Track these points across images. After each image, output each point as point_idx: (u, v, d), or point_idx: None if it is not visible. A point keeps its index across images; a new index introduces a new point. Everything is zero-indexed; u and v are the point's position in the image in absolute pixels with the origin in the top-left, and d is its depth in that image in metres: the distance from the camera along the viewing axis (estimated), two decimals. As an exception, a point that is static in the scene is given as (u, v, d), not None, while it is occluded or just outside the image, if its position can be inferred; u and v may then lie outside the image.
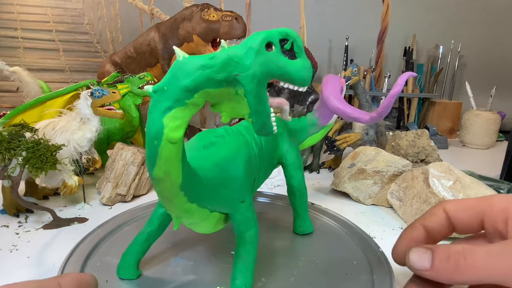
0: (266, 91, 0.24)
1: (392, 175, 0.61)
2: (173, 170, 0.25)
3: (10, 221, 0.52)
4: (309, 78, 0.25)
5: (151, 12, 1.09)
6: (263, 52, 0.23)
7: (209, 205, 0.32)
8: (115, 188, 0.59)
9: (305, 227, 0.48)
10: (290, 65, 0.24)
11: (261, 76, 0.23)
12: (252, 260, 0.34)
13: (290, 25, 1.09)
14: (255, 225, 0.35)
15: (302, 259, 0.42)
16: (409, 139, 0.73)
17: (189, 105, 0.24)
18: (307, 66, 0.25)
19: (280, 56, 0.24)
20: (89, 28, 1.07)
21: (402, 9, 1.16)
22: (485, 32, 1.21)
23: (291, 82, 0.25)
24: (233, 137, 0.37)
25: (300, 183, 0.46)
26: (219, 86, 0.24)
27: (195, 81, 0.23)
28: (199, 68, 0.23)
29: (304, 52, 0.25)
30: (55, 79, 1.07)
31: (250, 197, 0.35)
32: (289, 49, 0.24)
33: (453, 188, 0.51)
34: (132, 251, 0.37)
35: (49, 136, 0.53)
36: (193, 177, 0.28)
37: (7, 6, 1.01)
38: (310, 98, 1.00)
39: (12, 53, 1.03)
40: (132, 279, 0.37)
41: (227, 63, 0.23)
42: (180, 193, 0.27)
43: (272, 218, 0.53)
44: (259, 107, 0.24)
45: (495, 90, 1.05)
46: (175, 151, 0.24)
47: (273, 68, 0.23)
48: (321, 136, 0.51)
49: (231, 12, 0.81)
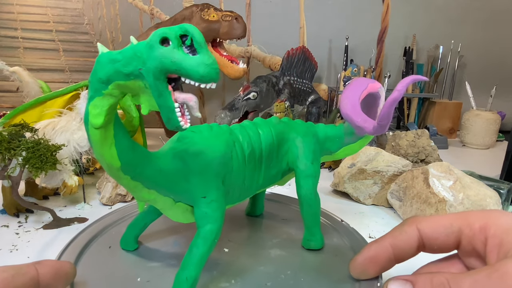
0: (166, 86, 0.25)
1: (392, 175, 0.61)
2: (105, 154, 0.28)
3: (10, 221, 0.52)
4: (209, 74, 0.24)
5: (151, 12, 1.09)
6: (157, 47, 0.24)
7: (170, 194, 0.34)
8: (115, 188, 0.59)
9: (312, 242, 0.43)
10: (186, 61, 0.24)
11: (155, 71, 0.24)
12: (199, 255, 0.33)
13: (290, 25, 1.10)
14: (212, 223, 0.34)
15: (288, 272, 0.38)
16: (409, 139, 0.73)
17: (106, 95, 0.26)
18: (206, 62, 0.24)
19: (176, 51, 0.24)
20: (89, 28, 1.07)
21: (402, 9, 1.16)
22: (485, 32, 1.21)
23: (189, 77, 0.25)
24: (213, 134, 0.37)
25: (308, 194, 0.42)
26: (128, 79, 0.25)
27: (106, 74, 0.25)
28: (109, 62, 0.25)
29: (205, 48, 0.24)
30: (55, 79, 1.07)
31: (215, 194, 0.35)
32: (189, 45, 0.24)
33: (453, 188, 0.51)
34: (130, 226, 0.42)
35: (49, 136, 0.53)
36: (143, 164, 0.30)
37: (7, 6, 1.01)
38: (310, 98, 1.00)
39: (12, 53, 1.03)
40: (129, 250, 0.41)
41: (132, 58, 0.25)
42: (124, 176, 0.30)
43: (289, 226, 0.49)
44: (160, 101, 0.25)
45: (495, 90, 1.05)
46: (101, 136, 0.27)
47: (167, 63, 0.24)
48: (359, 148, 0.45)
49: (231, 12, 0.81)
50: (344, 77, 0.99)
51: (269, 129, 0.41)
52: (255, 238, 0.46)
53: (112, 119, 0.28)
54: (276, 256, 0.42)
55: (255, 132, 0.40)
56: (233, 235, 0.46)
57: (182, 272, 0.33)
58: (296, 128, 0.44)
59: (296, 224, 0.48)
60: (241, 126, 0.41)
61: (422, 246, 0.25)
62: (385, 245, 0.26)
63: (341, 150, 0.46)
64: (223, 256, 0.41)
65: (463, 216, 0.24)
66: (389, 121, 0.35)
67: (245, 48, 1.13)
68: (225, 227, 0.47)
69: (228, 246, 0.44)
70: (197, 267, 0.33)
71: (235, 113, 0.79)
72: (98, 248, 0.41)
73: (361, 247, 0.41)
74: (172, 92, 0.25)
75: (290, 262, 0.41)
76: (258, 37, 1.13)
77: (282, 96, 0.88)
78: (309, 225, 0.43)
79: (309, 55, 0.98)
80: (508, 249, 0.21)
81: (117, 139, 0.28)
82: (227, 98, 1.17)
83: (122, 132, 0.29)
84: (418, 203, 0.54)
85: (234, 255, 0.42)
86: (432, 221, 0.25)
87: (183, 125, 0.26)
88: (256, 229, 0.48)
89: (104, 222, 0.46)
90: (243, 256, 0.41)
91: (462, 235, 0.24)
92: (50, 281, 0.25)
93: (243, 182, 0.39)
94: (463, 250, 0.24)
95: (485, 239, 0.23)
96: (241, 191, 0.40)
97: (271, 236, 0.46)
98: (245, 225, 0.49)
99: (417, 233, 0.25)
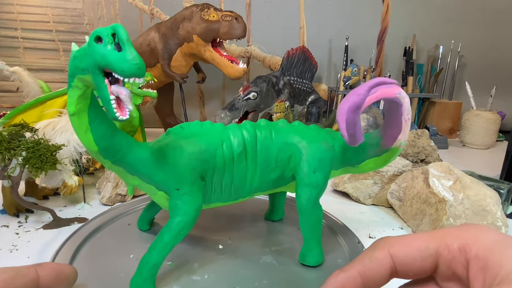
0: (102, 79, 0.27)
1: (392, 175, 0.61)
2: (82, 138, 0.32)
3: (10, 221, 0.52)
4: (129, 69, 0.26)
5: (151, 12, 1.09)
6: (92, 45, 0.27)
7: (150, 182, 0.37)
8: (115, 188, 0.59)
9: (307, 258, 0.40)
10: (111, 56, 0.26)
11: (91, 65, 0.27)
12: (163, 243, 0.35)
13: (290, 25, 1.10)
14: (182, 215, 0.36)
15: (264, 281, 0.38)
16: (409, 139, 0.73)
17: (74, 87, 0.30)
18: (127, 58, 0.26)
19: (105, 48, 0.26)
20: (89, 28, 1.07)
21: (402, 9, 1.16)
22: (485, 32, 1.21)
23: (115, 71, 0.27)
24: (200, 131, 0.39)
25: (303, 204, 0.39)
26: (84, 73, 0.28)
27: (70, 68, 0.29)
28: (72, 58, 0.29)
29: (128, 45, 0.26)
30: (55, 79, 1.07)
31: (188, 188, 0.36)
32: (117, 42, 0.27)
33: (453, 188, 0.51)
34: (145, 209, 0.48)
35: (49, 136, 0.53)
36: (123, 151, 0.34)
37: (7, 6, 1.01)
38: (310, 98, 1.00)
39: (12, 53, 1.03)
40: (142, 230, 0.48)
41: (83, 55, 0.28)
42: (105, 160, 0.34)
43: (300, 236, 0.47)
44: (98, 92, 0.28)
45: (495, 90, 1.05)
46: (76, 122, 0.31)
47: (98, 58, 0.26)
48: (384, 163, 0.41)
49: (231, 12, 0.81)
50: (344, 77, 0.99)
51: (269, 131, 0.41)
52: (256, 242, 0.45)
53: (84, 108, 0.31)
54: (264, 264, 0.41)
55: (252, 133, 0.40)
56: (236, 235, 0.46)
57: (145, 256, 0.35)
58: (304, 133, 0.41)
59: None
60: (237, 126, 0.40)
61: (395, 273, 0.22)
62: (353, 274, 0.23)
63: (364, 163, 0.42)
64: (213, 252, 0.42)
65: (439, 236, 0.21)
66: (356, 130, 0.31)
67: (245, 48, 1.13)
68: (234, 227, 0.48)
69: (224, 244, 0.44)
70: (159, 254, 0.35)
71: (235, 113, 0.79)
72: (114, 228, 0.48)
73: (356, 252, 0.41)
74: (108, 85, 0.28)
75: (273, 272, 0.39)
76: (258, 37, 1.13)
77: (282, 96, 0.88)
78: (306, 238, 0.41)
79: (309, 55, 0.98)
80: (496, 274, 0.18)
81: (92, 126, 0.31)
82: (227, 98, 1.17)
83: (99, 120, 0.32)
84: (418, 203, 0.54)
85: (224, 254, 0.42)
86: (405, 244, 0.22)
87: (119, 116, 0.28)
88: (263, 234, 0.48)
89: (115, 212, 0.52)
90: (232, 257, 0.42)
91: (439, 258, 0.21)
92: (51, 283, 0.25)
93: (232, 181, 0.39)
94: (442, 274, 0.21)
95: (466, 262, 0.20)
96: (230, 190, 0.40)
97: (273, 244, 0.45)
98: (256, 228, 0.49)
99: (389, 259, 0.22)
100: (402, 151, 0.36)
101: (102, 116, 0.32)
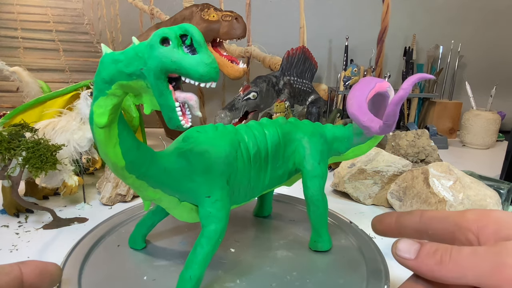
0: (167, 85, 0.25)
1: (392, 175, 0.61)
2: (110, 153, 0.28)
3: (10, 221, 0.52)
4: (208, 73, 0.24)
5: (151, 12, 1.09)
6: (158, 47, 0.24)
7: (175, 194, 0.34)
8: (115, 188, 0.59)
9: (319, 244, 0.43)
10: (186, 60, 0.24)
11: (156, 70, 0.24)
12: (203, 254, 0.33)
13: (290, 25, 1.10)
14: (217, 223, 0.34)
15: (294, 273, 0.38)
16: (409, 139, 0.73)
17: (110, 95, 0.27)
18: (205, 61, 0.24)
19: (176, 51, 0.24)
20: (89, 28, 1.07)
21: (402, 9, 1.16)
22: (485, 32, 1.21)
23: (189, 76, 0.25)
24: (219, 134, 0.37)
25: (314, 195, 0.42)
26: (130, 79, 0.26)
27: (109, 74, 0.26)
28: (112, 62, 0.26)
29: (204, 48, 0.25)
30: (55, 79, 1.07)
31: (219, 194, 0.35)
32: (189, 44, 0.25)
33: (453, 188, 0.51)
34: (138, 225, 0.42)
35: (49, 136, 0.53)
36: (148, 163, 0.31)
37: (7, 6, 1.01)
38: (310, 98, 1.00)
39: (12, 53, 1.03)
40: (136, 249, 0.42)
41: (133, 58, 0.25)
42: (129, 175, 0.30)
43: (296, 227, 0.49)
44: (161, 100, 0.26)
45: (495, 90, 1.05)
46: (105, 135, 0.28)
47: (167, 62, 0.24)
48: (368, 149, 0.45)
49: (231, 12, 0.81)
50: (344, 77, 0.99)
51: (275, 129, 0.41)
52: (262, 239, 0.46)
53: (116, 119, 0.28)
54: (283, 257, 0.42)
55: (261, 132, 0.40)
56: (240, 236, 0.46)
57: (186, 271, 0.33)
58: (303, 128, 0.44)
59: (304, 225, 0.48)
60: (247, 126, 0.40)
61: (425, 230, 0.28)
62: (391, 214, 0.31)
63: (349, 151, 0.45)
64: (229, 256, 0.41)
65: (460, 212, 0.26)
66: (395, 120, 0.35)
67: (245, 48, 1.13)
68: (232, 228, 0.48)
69: (234, 246, 0.44)
70: (201, 266, 0.33)
71: (235, 113, 0.79)
72: (106, 246, 0.42)
73: (369, 248, 0.43)
74: (173, 91, 0.26)
75: (296, 263, 0.40)
76: (258, 37, 1.13)
77: (282, 96, 0.88)
78: (316, 226, 0.43)
79: (309, 55, 0.98)
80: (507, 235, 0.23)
81: (121, 139, 0.29)
82: (227, 98, 1.17)
83: (126, 131, 0.29)
84: (418, 203, 0.54)
85: (240, 256, 0.42)
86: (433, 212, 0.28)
87: (184, 124, 0.26)
88: (263, 230, 0.48)
89: (112, 221, 0.47)
90: (249, 257, 0.41)
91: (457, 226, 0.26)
92: (35, 280, 0.25)
93: (249, 182, 0.39)
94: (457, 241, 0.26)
95: (477, 229, 0.24)
96: (246, 191, 0.40)
97: (278, 237, 0.46)
98: (253, 225, 0.49)
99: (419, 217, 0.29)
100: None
101: (128, 128, 0.30)
